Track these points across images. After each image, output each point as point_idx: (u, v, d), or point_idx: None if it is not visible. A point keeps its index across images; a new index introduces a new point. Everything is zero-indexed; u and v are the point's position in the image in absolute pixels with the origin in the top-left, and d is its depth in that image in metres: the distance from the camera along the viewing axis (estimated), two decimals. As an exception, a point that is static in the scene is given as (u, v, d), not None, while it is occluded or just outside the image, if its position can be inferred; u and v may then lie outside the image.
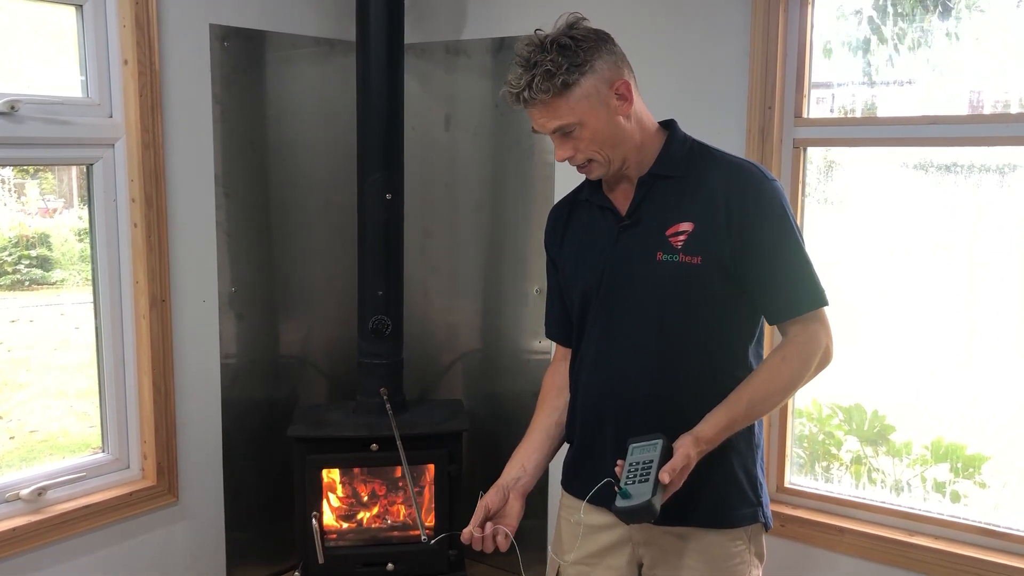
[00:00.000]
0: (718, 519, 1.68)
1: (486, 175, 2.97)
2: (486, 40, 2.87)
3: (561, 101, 1.58)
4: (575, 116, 1.60)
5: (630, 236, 1.69)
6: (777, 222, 1.62)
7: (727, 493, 1.68)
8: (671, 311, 1.65)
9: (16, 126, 2.22)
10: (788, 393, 1.67)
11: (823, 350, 1.63)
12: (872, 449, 2.47)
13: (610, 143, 1.65)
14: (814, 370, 1.64)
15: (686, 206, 1.65)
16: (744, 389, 1.61)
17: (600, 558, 1.78)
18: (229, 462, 2.77)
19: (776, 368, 1.62)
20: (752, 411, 1.61)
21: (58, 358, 2.64)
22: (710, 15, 2.40)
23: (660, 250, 1.64)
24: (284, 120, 2.84)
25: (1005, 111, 2.18)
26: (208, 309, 2.67)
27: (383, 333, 2.71)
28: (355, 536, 2.75)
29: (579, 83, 1.59)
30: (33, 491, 2.34)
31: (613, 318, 1.71)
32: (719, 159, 1.69)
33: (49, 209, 2.59)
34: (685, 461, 1.52)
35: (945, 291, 2.37)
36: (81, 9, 2.35)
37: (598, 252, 1.73)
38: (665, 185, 1.68)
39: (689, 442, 1.54)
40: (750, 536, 1.70)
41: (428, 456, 2.66)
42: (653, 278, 1.65)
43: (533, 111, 1.61)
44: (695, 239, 1.62)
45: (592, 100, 1.61)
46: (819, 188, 2.46)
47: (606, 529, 1.76)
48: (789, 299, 1.63)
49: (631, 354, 1.68)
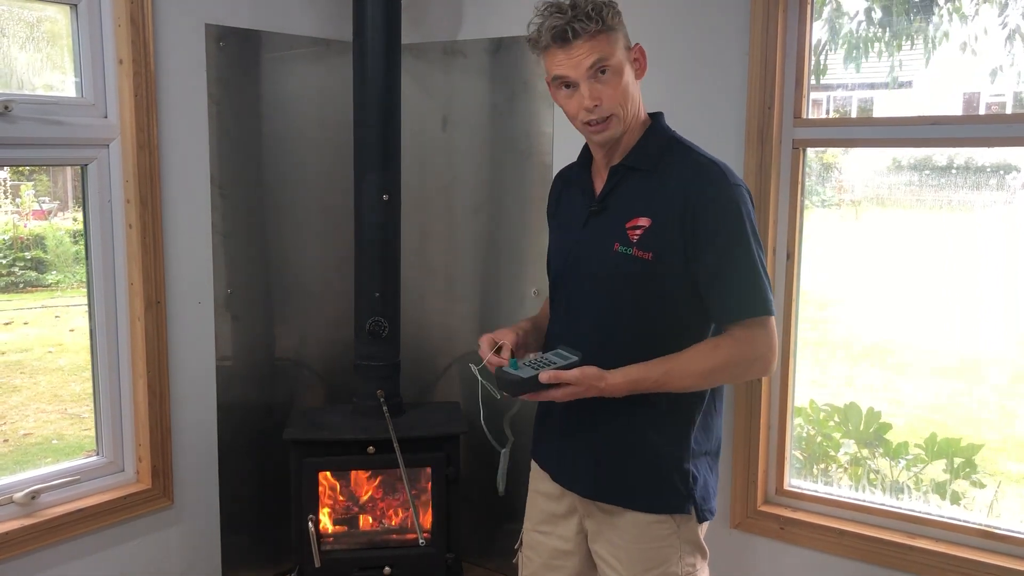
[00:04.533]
0: (634, 501, 1.76)
1: (483, 176, 2.96)
2: (483, 40, 2.86)
3: (604, 37, 1.64)
4: (615, 56, 1.65)
5: (596, 222, 1.76)
6: (730, 225, 1.65)
7: (646, 481, 1.75)
8: (623, 300, 1.72)
9: (10, 126, 2.20)
10: (706, 381, 1.71)
11: (759, 358, 1.67)
12: (869, 451, 2.47)
13: (631, 101, 1.70)
14: (742, 371, 1.71)
15: (648, 201, 1.70)
16: (668, 359, 1.66)
17: (553, 526, 1.91)
18: (225, 465, 2.76)
19: (705, 352, 1.67)
20: (665, 380, 1.66)
21: (52, 361, 2.62)
22: (709, 15, 2.40)
23: (618, 241, 1.71)
24: (280, 120, 2.83)
25: (1001, 111, 2.18)
26: (203, 311, 2.66)
27: (380, 335, 2.70)
28: (352, 539, 2.74)
29: (617, 29, 1.67)
30: (27, 494, 2.32)
31: (573, 300, 1.81)
32: (688, 157, 1.72)
33: (44, 211, 2.57)
34: (575, 381, 1.61)
35: (943, 292, 2.38)
36: (75, 8, 2.34)
37: (570, 234, 1.83)
38: (635, 177, 1.73)
39: (592, 373, 1.62)
40: (679, 523, 1.77)
41: (425, 459, 2.65)
42: (609, 268, 1.72)
43: (574, 47, 1.63)
44: (650, 235, 1.68)
45: (623, 51, 1.69)
46: (815, 187, 2.47)
47: (555, 499, 1.89)
48: (731, 303, 1.67)
49: (586, 336, 1.75)
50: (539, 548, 1.94)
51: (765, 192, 2.35)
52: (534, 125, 2.79)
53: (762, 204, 2.35)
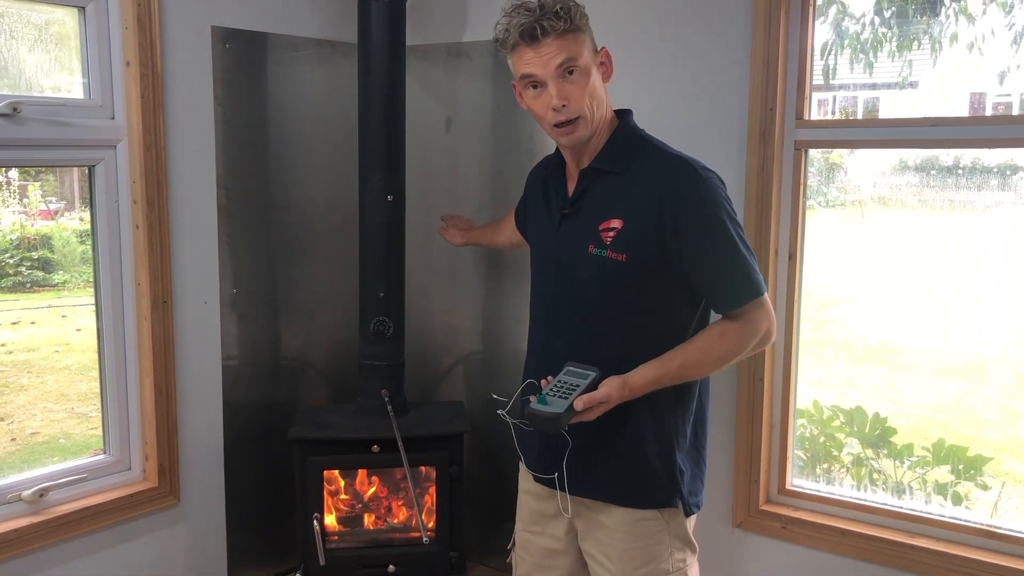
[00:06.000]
0: (621, 497, 1.77)
1: (487, 177, 2.97)
2: (487, 42, 2.87)
3: (572, 37, 1.65)
4: (583, 57, 1.67)
5: (569, 225, 1.79)
6: (708, 218, 1.67)
7: (633, 475, 1.76)
8: (600, 300, 1.74)
9: (18, 128, 2.22)
10: (719, 365, 1.74)
11: (763, 333, 1.72)
12: (873, 451, 2.47)
13: (598, 102, 1.71)
14: (751, 349, 1.74)
15: (619, 202, 1.71)
16: (680, 351, 1.69)
17: (543, 526, 1.92)
18: (230, 464, 2.78)
19: (715, 340, 1.71)
20: (683, 372, 1.70)
21: (59, 360, 2.64)
22: (711, 17, 2.40)
23: (592, 243, 1.73)
24: (285, 122, 2.85)
25: (1007, 112, 2.18)
26: (209, 311, 2.68)
27: (384, 335, 2.71)
28: (356, 538, 2.75)
29: (584, 30, 1.69)
30: (35, 492, 2.34)
31: (552, 298, 1.83)
32: (657, 155, 1.74)
33: (51, 211, 2.59)
34: (605, 398, 1.62)
35: (948, 292, 2.37)
36: (83, 11, 2.36)
37: (546, 233, 1.86)
38: (604, 179, 1.75)
39: (616, 383, 1.65)
40: (667, 519, 1.77)
41: (429, 458, 2.66)
42: (584, 269, 1.74)
43: (542, 45, 1.64)
44: (622, 237, 1.69)
45: (591, 53, 1.70)
46: (820, 188, 2.47)
47: (543, 499, 1.90)
48: (727, 293, 1.70)
49: (564, 334, 1.78)
50: (531, 548, 1.95)
51: (767, 193, 2.35)
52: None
53: (763, 205, 2.35)
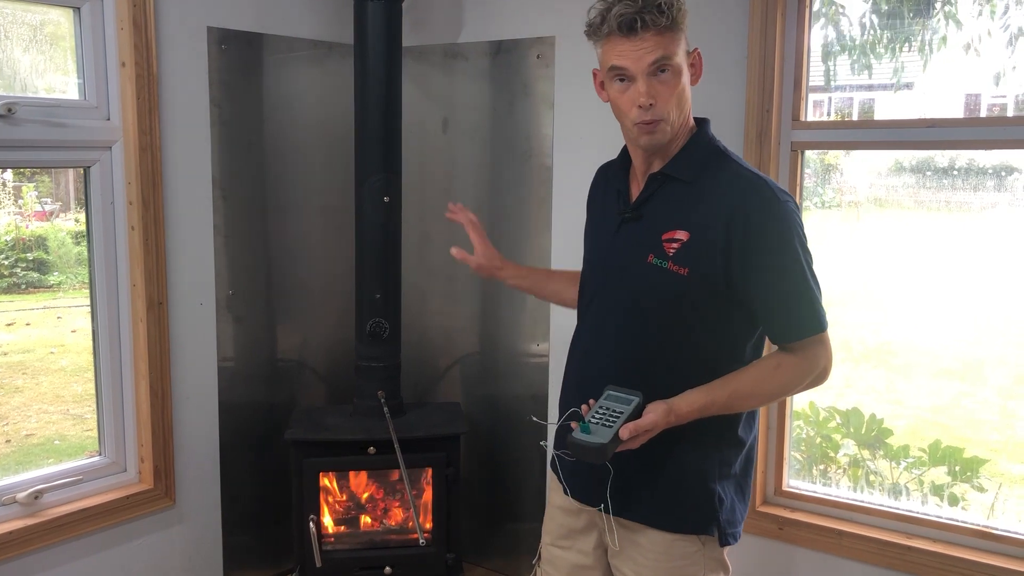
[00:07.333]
0: (659, 520, 1.69)
1: (484, 178, 2.97)
2: (483, 43, 2.87)
3: (670, 35, 1.57)
4: (677, 56, 1.58)
5: (629, 230, 1.69)
6: (780, 245, 1.58)
7: (673, 499, 1.69)
8: (654, 313, 1.65)
9: (13, 128, 2.22)
10: (772, 399, 1.68)
11: (819, 371, 1.63)
12: (869, 452, 2.47)
13: (683, 105, 1.63)
14: (805, 386, 1.65)
15: (687, 214, 1.62)
16: (732, 379, 1.61)
17: (572, 541, 1.84)
18: (226, 465, 2.77)
19: (769, 373, 1.62)
20: (732, 403, 1.61)
21: (55, 361, 2.63)
22: (708, 18, 2.40)
23: (652, 252, 1.63)
24: (282, 123, 2.84)
25: (1002, 114, 2.19)
26: (205, 312, 2.67)
27: (381, 336, 2.70)
28: (353, 539, 2.75)
29: (683, 30, 1.60)
30: (30, 494, 2.33)
31: (603, 305, 1.73)
32: (733, 169, 1.63)
33: (46, 212, 2.59)
34: (651, 426, 1.54)
35: (944, 293, 2.38)
36: (78, 11, 2.35)
37: (603, 237, 1.76)
38: (673, 187, 1.65)
39: (662, 410, 1.56)
40: (704, 543, 1.70)
41: (426, 459, 2.65)
42: (640, 279, 1.65)
43: (640, 39, 1.55)
44: (687, 250, 1.60)
45: (684, 53, 1.61)
46: (816, 189, 2.47)
47: (573, 513, 1.82)
48: (788, 324, 1.61)
49: (612, 343, 1.70)
50: (558, 563, 1.87)
51: (764, 194, 2.35)
52: (534, 127, 2.80)
53: (761, 206, 2.35)
